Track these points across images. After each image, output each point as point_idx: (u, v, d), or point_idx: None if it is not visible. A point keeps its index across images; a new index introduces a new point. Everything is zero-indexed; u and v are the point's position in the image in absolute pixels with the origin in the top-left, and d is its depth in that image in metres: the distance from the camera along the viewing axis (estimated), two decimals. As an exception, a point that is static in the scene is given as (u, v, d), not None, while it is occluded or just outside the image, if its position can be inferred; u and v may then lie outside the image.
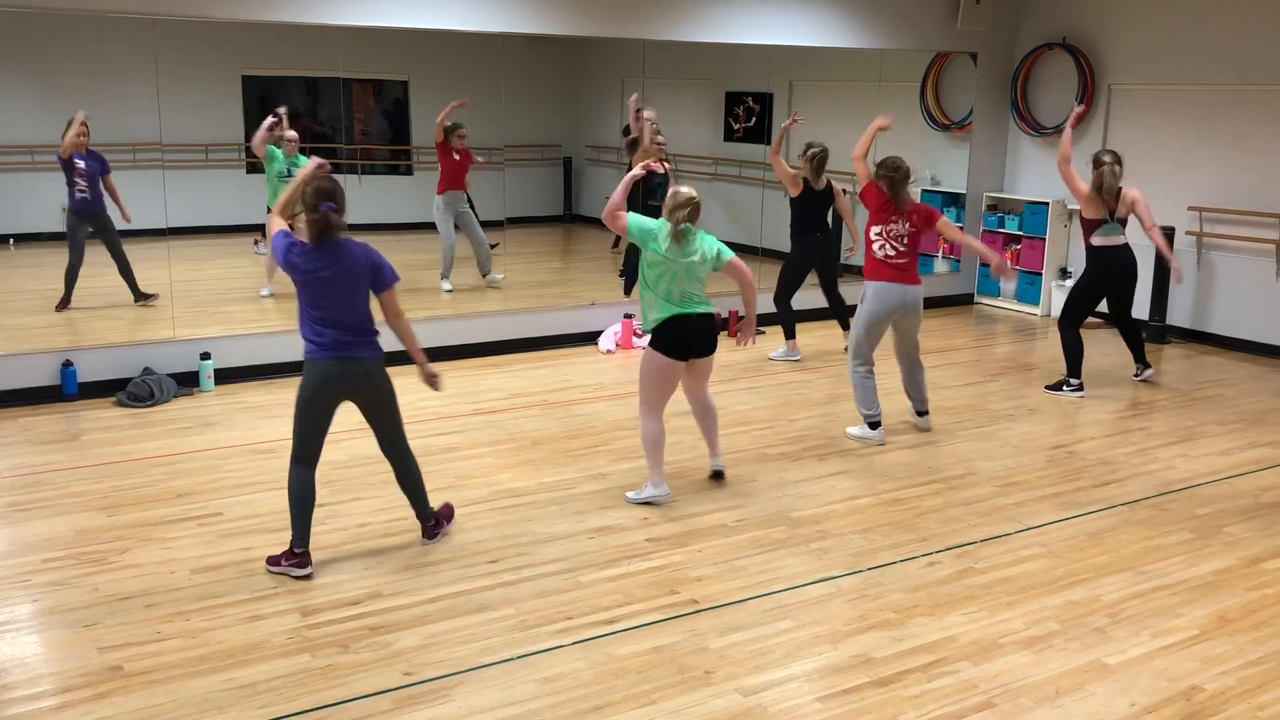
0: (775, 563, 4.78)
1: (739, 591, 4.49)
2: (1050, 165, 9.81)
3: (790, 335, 8.48)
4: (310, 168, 4.58)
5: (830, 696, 3.72)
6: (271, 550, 4.69)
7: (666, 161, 9.35)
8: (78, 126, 7.69)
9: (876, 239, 6.27)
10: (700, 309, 5.27)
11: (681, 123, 11.23)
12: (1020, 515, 5.41)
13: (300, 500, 4.54)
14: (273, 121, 8.90)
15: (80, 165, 7.82)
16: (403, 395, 4.74)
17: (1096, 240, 7.42)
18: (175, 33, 7.33)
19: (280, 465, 4.99)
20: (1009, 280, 8.03)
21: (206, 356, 7.31)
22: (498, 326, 8.57)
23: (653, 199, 9.13)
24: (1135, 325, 7.88)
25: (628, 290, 9.25)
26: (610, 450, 6.19)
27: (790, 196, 8.24)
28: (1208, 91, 9.22)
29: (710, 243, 5.29)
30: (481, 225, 9.70)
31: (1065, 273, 10.30)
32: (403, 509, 5.02)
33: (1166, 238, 9.20)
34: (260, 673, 3.80)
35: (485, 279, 9.69)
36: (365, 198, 9.91)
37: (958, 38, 10.26)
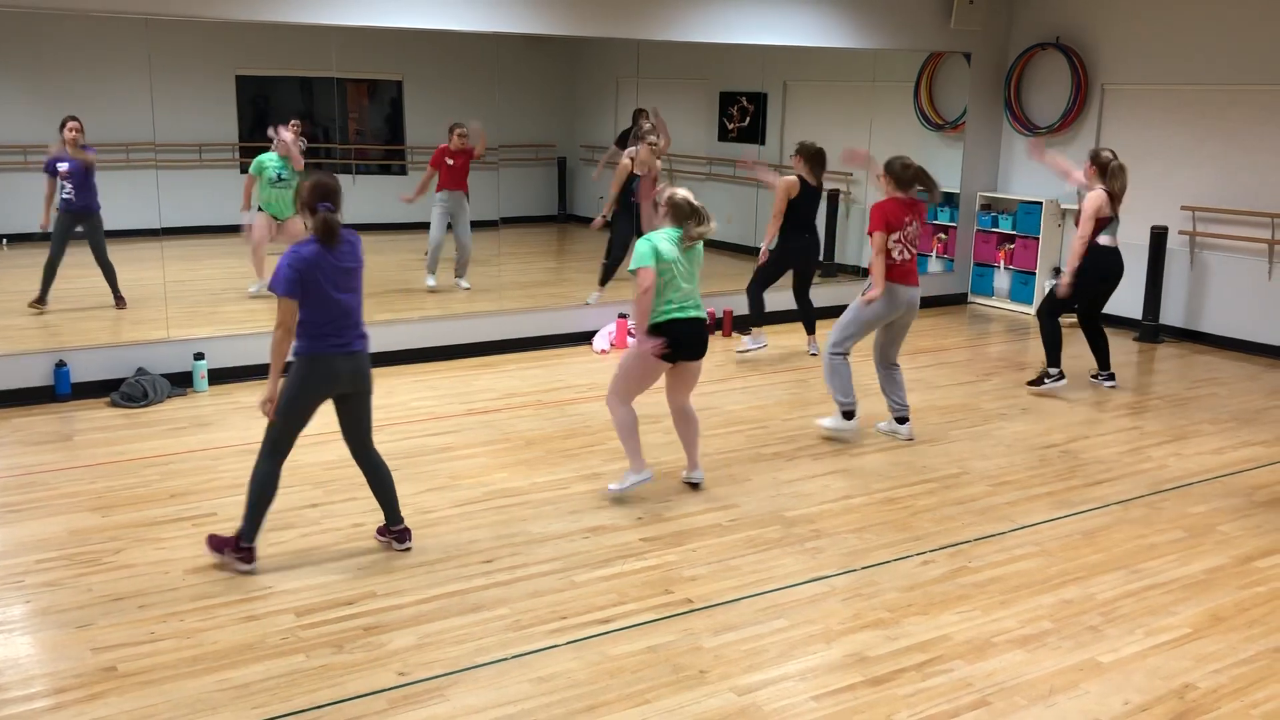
0: (769, 562, 4.78)
1: (733, 591, 4.50)
2: (1043, 166, 9.79)
3: (756, 325, 8.49)
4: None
5: (824, 695, 3.73)
6: (266, 549, 4.68)
7: (660, 160, 9.35)
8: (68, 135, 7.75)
9: (894, 246, 6.26)
10: (694, 313, 5.31)
11: (676, 122, 11.22)
12: (1014, 514, 5.42)
13: (264, 495, 4.52)
14: (295, 130, 8.98)
15: (63, 169, 7.82)
16: (396, 396, 4.74)
17: (1104, 240, 7.47)
18: (168, 32, 7.31)
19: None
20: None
21: (200, 357, 7.30)
22: (491, 326, 8.57)
23: (632, 195, 9.16)
24: (1103, 330, 7.82)
25: (603, 281, 9.25)
26: (604, 450, 6.19)
27: (790, 198, 8.23)
28: (1201, 91, 9.25)
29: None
30: (473, 225, 9.68)
31: (1059, 272, 10.30)
32: (397, 509, 5.02)
33: (1159, 238, 9.27)
34: (254, 673, 3.80)
35: (456, 278, 9.70)
36: (359, 197, 9.89)
37: (951, 38, 10.27)
